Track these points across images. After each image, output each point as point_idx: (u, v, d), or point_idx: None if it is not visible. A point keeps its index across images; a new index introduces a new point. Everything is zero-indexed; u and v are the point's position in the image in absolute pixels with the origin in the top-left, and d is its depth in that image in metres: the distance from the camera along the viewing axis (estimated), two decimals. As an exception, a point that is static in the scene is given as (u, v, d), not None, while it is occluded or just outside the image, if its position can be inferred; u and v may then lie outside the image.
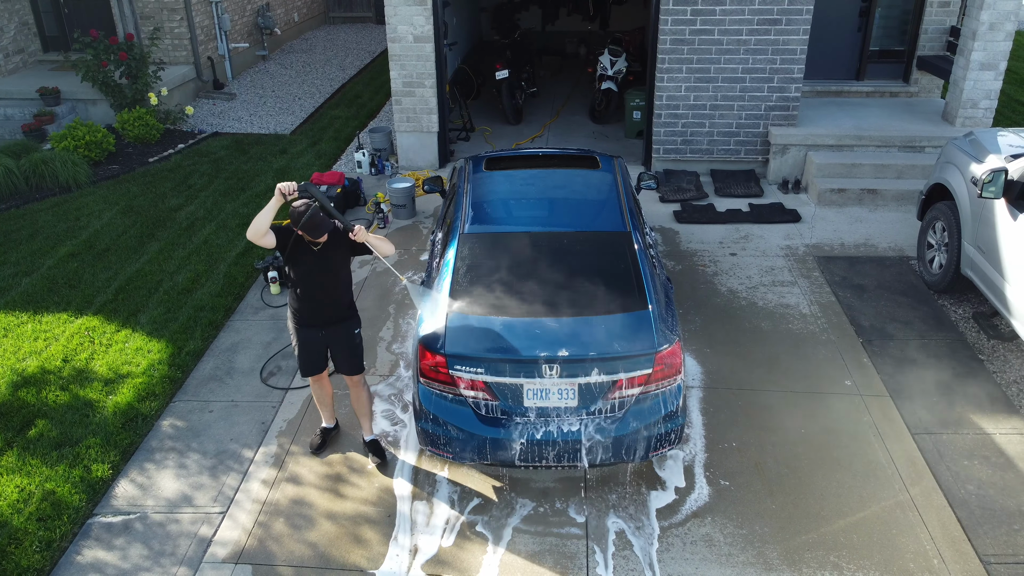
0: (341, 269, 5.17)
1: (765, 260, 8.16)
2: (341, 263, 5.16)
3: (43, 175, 10.01)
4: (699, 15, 9.29)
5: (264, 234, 4.84)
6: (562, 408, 4.93)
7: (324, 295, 5.15)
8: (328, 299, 5.18)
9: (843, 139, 9.57)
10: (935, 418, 5.93)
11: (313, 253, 5.00)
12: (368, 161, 10.55)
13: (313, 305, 5.17)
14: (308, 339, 5.27)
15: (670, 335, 5.01)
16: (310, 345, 5.29)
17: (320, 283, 5.10)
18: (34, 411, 6.14)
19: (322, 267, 5.04)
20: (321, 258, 5.02)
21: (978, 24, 9.06)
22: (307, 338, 5.27)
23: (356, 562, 4.87)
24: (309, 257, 5.01)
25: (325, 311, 5.21)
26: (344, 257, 5.16)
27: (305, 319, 5.22)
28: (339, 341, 5.31)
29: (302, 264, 5.03)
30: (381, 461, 5.58)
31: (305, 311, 5.19)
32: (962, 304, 7.30)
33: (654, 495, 5.31)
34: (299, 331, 5.28)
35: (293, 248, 4.98)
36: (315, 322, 5.23)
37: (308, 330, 5.25)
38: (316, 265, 5.02)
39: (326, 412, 5.72)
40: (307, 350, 5.30)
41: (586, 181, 6.40)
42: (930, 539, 4.94)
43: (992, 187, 6.37)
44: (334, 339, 5.30)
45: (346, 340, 5.32)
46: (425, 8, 9.71)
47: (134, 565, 4.88)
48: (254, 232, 4.81)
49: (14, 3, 13.11)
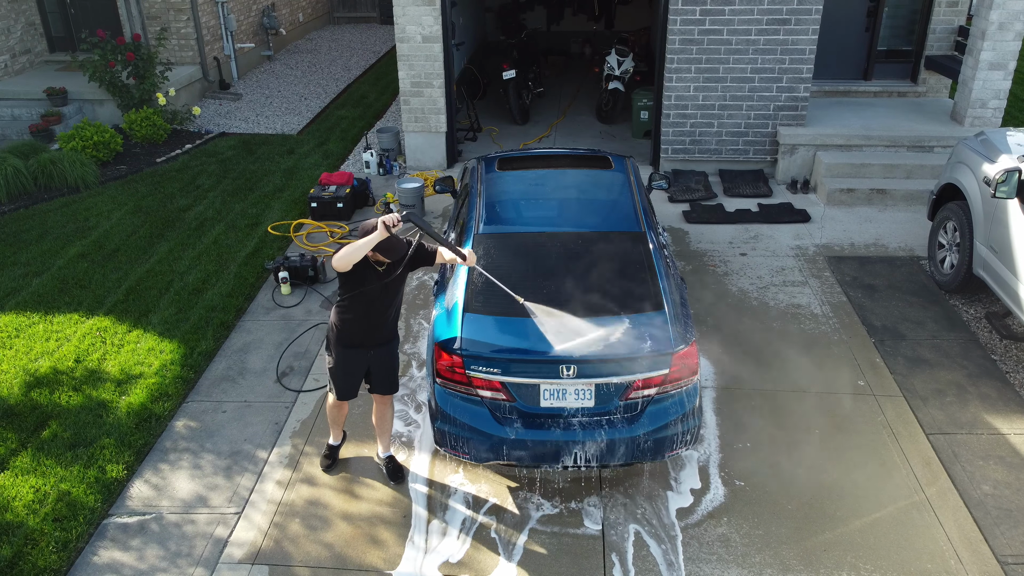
0: (400, 290, 5.01)
1: (775, 260, 8.16)
2: (402, 283, 4.98)
3: (51, 175, 10.01)
4: (708, 15, 9.29)
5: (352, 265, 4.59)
6: (579, 408, 4.93)
7: (380, 317, 4.95)
8: (383, 320, 4.99)
9: (852, 139, 9.56)
10: (949, 418, 5.92)
11: (377, 273, 4.77)
12: (376, 161, 10.54)
13: (367, 326, 4.95)
14: (353, 360, 5.06)
15: (686, 335, 5.00)
16: (354, 367, 5.09)
17: (379, 305, 4.90)
18: (47, 412, 6.14)
19: (384, 288, 4.84)
20: (385, 279, 4.81)
21: (987, 24, 9.05)
22: (352, 359, 5.06)
23: (372, 563, 4.87)
24: (372, 276, 4.77)
25: (377, 332, 5.02)
26: (404, 277, 4.95)
27: (355, 340, 5.00)
28: (383, 361, 5.15)
29: (363, 284, 4.78)
30: (398, 481, 5.45)
31: (358, 332, 4.96)
32: (974, 304, 7.30)
33: (670, 496, 5.31)
34: (344, 351, 5.05)
35: (357, 268, 4.68)
36: (365, 343, 5.03)
37: (355, 351, 5.04)
38: (379, 286, 4.81)
39: (337, 430, 5.55)
40: (350, 372, 5.10)
41: (599, 181, 6.40)
42: (947, 540, 4.93)
43: (1005, 187, 6.37)
44: (379, 359, 5.12)
45: (390, 360, 5.18)
46: (433, 8, 9.71)
47: (151, 566, 4.88)
48: (344, 264, 4.51)
49: (21, 3, 13.12)
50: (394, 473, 5.48)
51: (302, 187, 10.03)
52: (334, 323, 5.01)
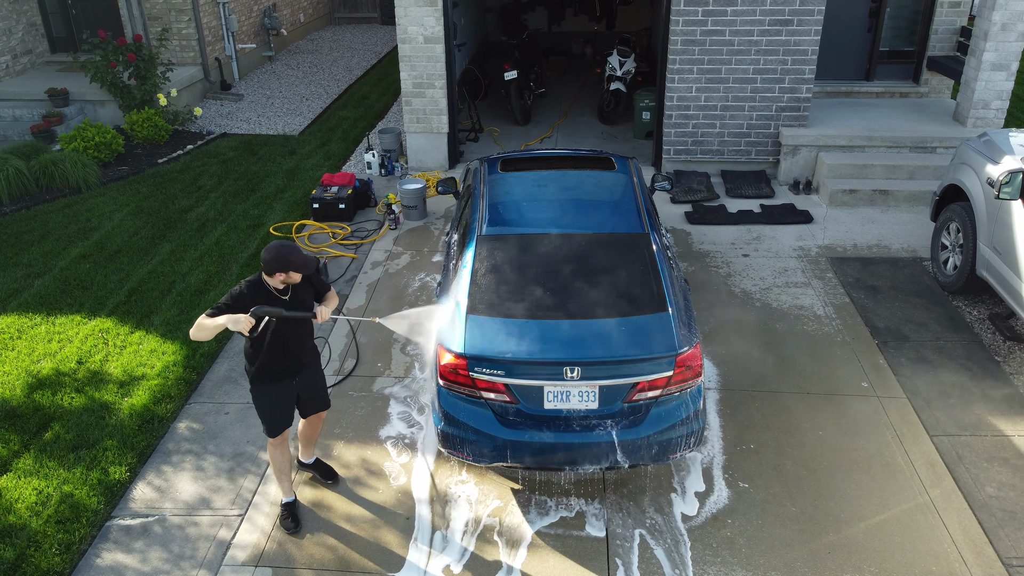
0: (310, 306, 4.84)
1: (778, 261, 8.15)
2: (309, 301, 4.84)
3: (53, 176, 10.00)
4: (710, 16, 9.28)
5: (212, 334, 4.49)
6: (583, 410, 4.92)
7: (300, 343, 4.87)
8: (303, 344, 4.91)
9: (854, 140, 9.55)
10: (953, 420, 5.91)
11: (284, 303, 4.65)
12: (378, 162, 10.54)
13: (290, 356, 4.84)
14: (282, 393, 4.91)
15: (690, 337, 4.99)
16: (285, 398, 4.93)
17: (294, 330, 4.78)
18: (50, 413, 6.13)
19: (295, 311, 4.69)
20: (293, 305, 4.69)
21: (990, 24, 9.04)
22: (281, 392, 4.90)
23: (376, 566, 4.86)
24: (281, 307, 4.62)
25: (301, 356, 4.93)
26: (310, 295, 4.85)
27: (280, 373, 4.85)
28: (312, 382, 5.06)
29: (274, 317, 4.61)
30: (334, 481, 5.43)
31: (281, 364, 4.81)
32: (977, 305, 7.29)
33: (674, 498, 5.29)
34: (271, 388, 4.87)
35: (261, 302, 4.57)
36: (291, 371, 4.90)
37: (282, 384, 4.88)
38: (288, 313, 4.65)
39: (286, 484, 5.18)
40: (281, 405, 4.93)
41: (602, 182, 6.39)
42: (951, 542, 4.92)
43: (1009, 188, 6.36)
44: (308, 382, 5.02)
45: (316, 378, 5.10)
46: (435, 9, 9.70)
47: (154, 568, 4.87)
48: (200, 337, 4.47)
49: (22, 4, 13.11)
50: (327, 473, 5.45)
51: (304, 188, 10.02)
52: (253, 362, 4.77)
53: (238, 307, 4.52)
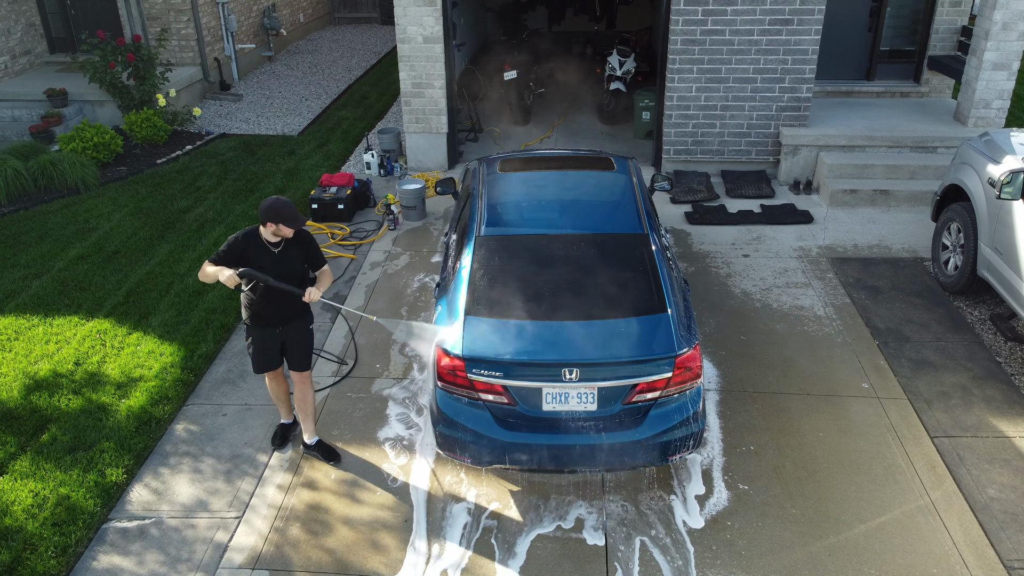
0: (299, 268, 5.25)
1: (778, 262, 8.12)
2: (298, 262, 5.24)
3: (51, 177, 9.98)
4: (710, 15, 9.25)
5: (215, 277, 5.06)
6: (581, 412, 4.89)
7: (284, 295, 5.17)
8: (287, 298, 5.20)
9: (854, 140, 9.52)
10: (954, 421, 5.88)
11: (273, 255, 5.11)
12: (377, 162, 10.51)
13: (273, 306, 5.23)
14: (265, 338, 5.37)
15: (690, 338, 4.97)
16: (267, 344, 5.39)
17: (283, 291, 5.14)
18: (47, 415, 6.11)
19: (282, 268, 5.13)
20: (281, 260, 5.13)
21: (991, 24, 9.01)
22: (264, 337, 5.37)
23: (374, 568, 4.83)
24: (268, 260, 5.09)
25: (285, 311, 5.29)
26: (300, 256, 5.24)
27: (265, 321, 5.30)
28: (294, 338, 5.42)
29: (261, 267, 5.07)
30: (336, 461, 5.65)
31: (265, 312, 5.26)
32: (978, 306, 7.26)
33: (673, 500, 5.27)
34: (256, 331, 5.37)
35: (252, 254, 5.08)
36: (274, 322, 5.32)
37: (265, 330, 5.35)
38: (276, 267, 5.10)
39: (283, 408, 5.81)
40: (264, 348, 5.40)
41: (601, 183, 6.36)
42: (952, 544, 4.89)
43: (1010, 188, 6.33)
44: (290, 336, 5.40)
45: (301, 337, 5.45)
46: (435, 9, 9.68)
47: (151, 571, 4.84)
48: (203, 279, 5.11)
49: (21, 4, 13.09)
50: (329, 454, 5.66)
51: (303, 188, 10.00)
52: (245, 306, 5.31)
53: (232, 254, 5.08)
